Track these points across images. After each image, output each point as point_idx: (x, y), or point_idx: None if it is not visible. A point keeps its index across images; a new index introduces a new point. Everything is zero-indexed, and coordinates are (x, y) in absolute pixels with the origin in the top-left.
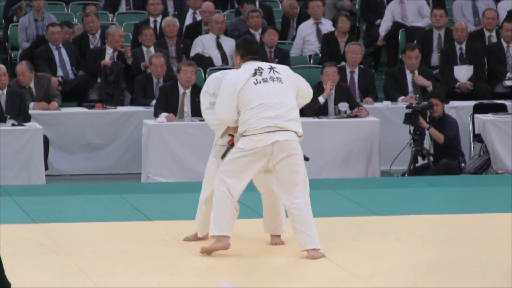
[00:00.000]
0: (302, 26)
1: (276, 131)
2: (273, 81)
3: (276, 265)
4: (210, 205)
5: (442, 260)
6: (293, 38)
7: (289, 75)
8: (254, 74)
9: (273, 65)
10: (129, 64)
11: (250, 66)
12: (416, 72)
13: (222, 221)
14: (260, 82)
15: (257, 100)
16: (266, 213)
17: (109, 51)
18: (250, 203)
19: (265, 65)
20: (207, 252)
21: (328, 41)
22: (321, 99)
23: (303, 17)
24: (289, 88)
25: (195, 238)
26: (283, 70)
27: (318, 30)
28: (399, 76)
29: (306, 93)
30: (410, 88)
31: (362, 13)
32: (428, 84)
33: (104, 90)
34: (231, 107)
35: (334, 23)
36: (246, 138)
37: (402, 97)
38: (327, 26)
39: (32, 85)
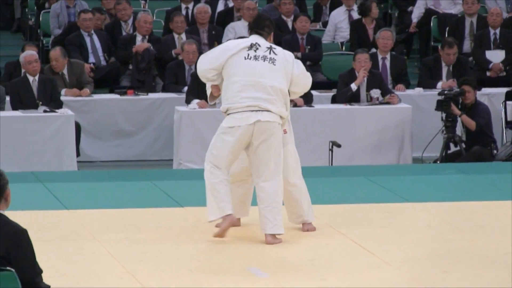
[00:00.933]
0: (334, 13)
1: (258, 110)
2: (264, 61)
3: (306, 252)
4: (234, 185)
5: (473, 247)
6: (325, 25)
7: (286, 60)
8: (250, 48)
9: (275, 46)
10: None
11: (251, 39)
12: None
13: (219, 203)
14: (250, 58)
15: (239, 76)
16: (285, 205)
17: (139, 38)
18: None
19: (265, 44)
20: (220, 235)
21: (356, 28)
22: (353, 86)
23: (335, 4)
24: (280, 71)
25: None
26: (282, 53)
27: (350, 17)
28: (434, 67)
29: (301, 81)
30: (444, 80)
31: (394, 0)
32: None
33: (135, 77)
34: (212, 65)
35: (363, 10)
36: (230, 117)
37: (441, 82)
38: None
39: (65, 71)
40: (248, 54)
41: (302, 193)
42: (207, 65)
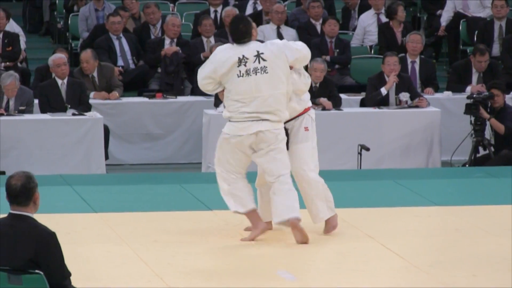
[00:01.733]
0: (363, 16)
1: (258, 120)
2: (256, 74)
3: (335, 255)
4: (263, 189)
5: (502, 250)
6: (354, 29)
7: (276, 57)
8: (239, 64)
9: (261, 50)
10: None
11: (236, 52)
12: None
13: (241, 199)
14: (242, 75)
15: (238, 95)
16: (305, 203)
17: (167, 41)
18: None
19: (251, 52)
20: (250, 240)
21: (383, 32)
22: (383, 91)
23: (364, 7)
24: (275, 75)
25: None
26: (270, 54)
27: (379, 21)
28: (464, 72)
29: (302, 59)
30: (474, 85)
31: (423, 4)
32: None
33: (164, 80)
34: (209, 84)
35: (389, 13)
36: (231, 124)
37: (470, 86)
38: None
39: (95, 74)
40: (240, 71)
41: (318, 190)
42: (203, 81)
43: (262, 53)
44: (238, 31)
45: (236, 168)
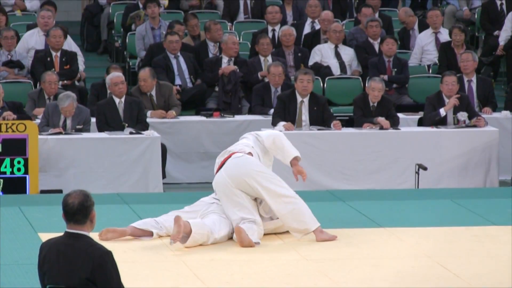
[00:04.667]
0: (421, 35)
1: None
2: None
3: (392, 274)
4: None
5: None
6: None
7: None
8: None
9: None
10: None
11: None
12: None
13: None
14: None
15: None
16: None
17: (224, 60)
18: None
19: None
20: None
21: (445, 51)
22: (442, 112)
23: (423, 26)
24: None
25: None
26: None
27: (437, 40)
28: None
29: None
30: None
31: (481, 23)
32: None
33: (222, 99)
34: None
35: (450, 34)
36: None
37: None
38: (445, 35)
39: (153, 92)
40: None
41: None
42: None
43: None
44: None
45: None
